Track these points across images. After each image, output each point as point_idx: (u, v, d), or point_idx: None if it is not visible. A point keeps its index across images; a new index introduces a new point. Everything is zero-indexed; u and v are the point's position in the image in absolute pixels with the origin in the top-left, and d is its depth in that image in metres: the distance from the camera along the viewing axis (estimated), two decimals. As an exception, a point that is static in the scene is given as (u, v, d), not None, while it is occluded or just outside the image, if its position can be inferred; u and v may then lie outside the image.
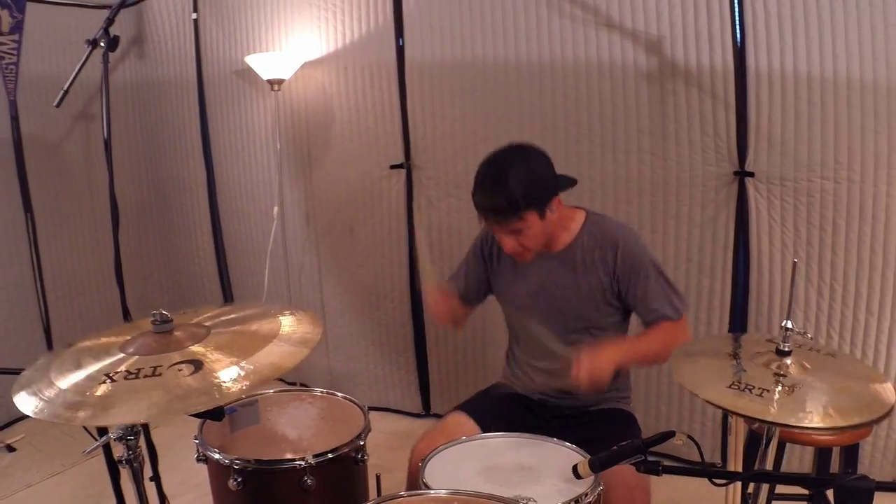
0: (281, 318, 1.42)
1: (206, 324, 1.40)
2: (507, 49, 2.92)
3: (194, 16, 3.72)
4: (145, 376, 1.19)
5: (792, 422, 1.08)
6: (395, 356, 3.54)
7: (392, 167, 3.28)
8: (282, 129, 3.58)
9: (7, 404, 3.51)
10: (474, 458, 1.62)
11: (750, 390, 1.14)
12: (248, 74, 3.53)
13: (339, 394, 2.00)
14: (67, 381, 1.18)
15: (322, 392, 2.04)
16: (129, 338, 1.37)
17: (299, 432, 1.85)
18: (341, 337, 3.71)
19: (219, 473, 1.71)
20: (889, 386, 1.18)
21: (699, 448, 1.34)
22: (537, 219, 1.77)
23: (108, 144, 1.97)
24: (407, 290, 3.41)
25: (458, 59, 3.04)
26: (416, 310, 3.42)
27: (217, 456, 1.68)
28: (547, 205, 1.78)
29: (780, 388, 1.17)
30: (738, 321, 2.62)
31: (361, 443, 1.76)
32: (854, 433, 1.65)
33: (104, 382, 1.17)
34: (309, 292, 3.75)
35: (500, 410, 1.92)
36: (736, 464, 1.56)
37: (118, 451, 1.50)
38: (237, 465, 1.64)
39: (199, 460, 1.77)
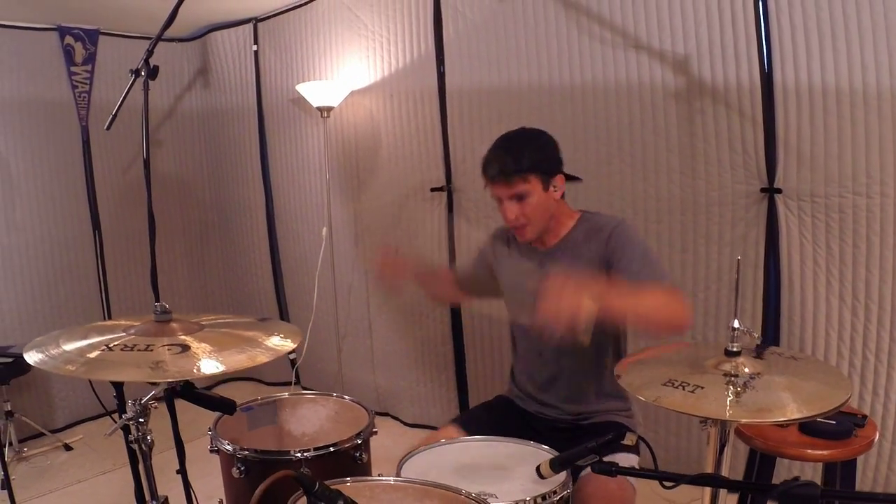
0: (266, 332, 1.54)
1: (203, 323, 1.54)
2: (540, 73, 2.99)
3: (254, 48, 4.00)
4: (138, 350, 1.35)
5: (725, 415, 1.07)
6: (435, 374, 3.60)
7: (433, 190, 3.38)
8: (332, 155, 3.77)
9: (70, 407, 3.78)
10: (452, 457, 1.66)
11: (684, 387, 1.14)
12: (303, 103, 3.74)
13: (347, 397, 2.08)
14: (72, 345, 1.35)
15: (334, 395, 2.13)
16: (136, 324, 1.53)
17: (304, 429, 1.94)
18: (386, 354, 3.81)
19: (226, 463, 1.82)
20: (846, 383, 1.15)
21: (652, 451, 1.35)
22: (540, 186, 1.84)
23: (146, 163, 2.15)
24: (447, 309, 3.47)
25: (494, 84, 3.13)
26: (456, 328, 3.48)
27: (223, 446, 1.79)
28: (551, 177, 1.86)
29: (730, 388, 1.16)
30: (770, 341, 2.54)
31: (359, 441, 1.82)
32: (848, 448, 1.57)
33: (102, 349, 1.33)
34: (357, 311, 3.88)
35: (495, 422, 1.94)
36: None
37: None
38: (240, 454, 1.75)
39: (211, 451, 1.89)
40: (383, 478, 1.43)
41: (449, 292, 2.40)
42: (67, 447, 3.45)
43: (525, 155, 1.83)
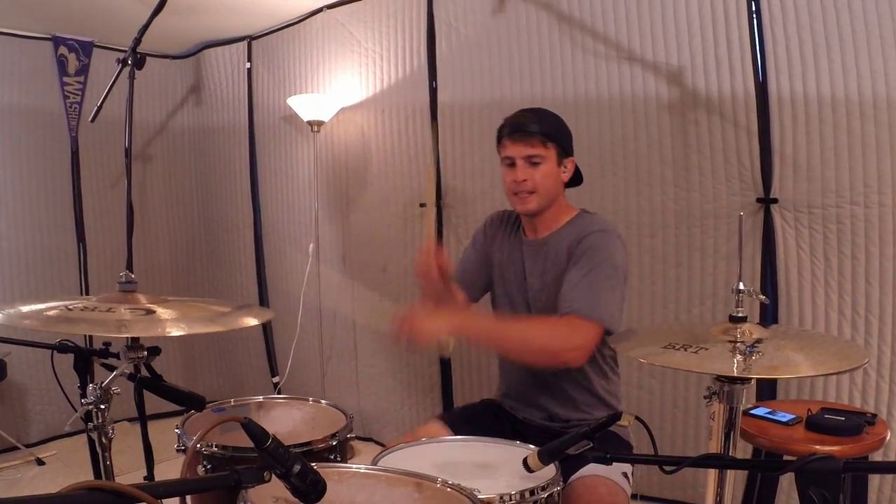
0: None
1: (169, 299, 1.46)
2: (533, 87, 2.97)
3: (248, 65, 3.99)
4: (99, 311, 1.30)
5: (732, 371, 0.98)
6: (421, 396, 3.48)
7: (422, 205, 3.32)
8: (322, 172, 3.72)
9: (45, 422, 3.65)
10: (432, 455, 1.55)
11: (686, 349, 1.05)
12: (294, 120, 3.72)
13: (324, 401, 1.99)
14: (29, 307, 1.29)
15: (310, 400, 2.03)
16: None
17: (278, 430, 1.82)
18: (371, 377, 3.70)
19: (192, 461, 1.71)
20: (862, 350, 1.07)
21: (651, 435, 1.23)
22: (555, 157, 1.83)
23: (128, 152, 2.11)
24: (435, 329, 3.37)
25: (487, 99, 3.10)
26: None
27: (189, 442, 1.69)
28: (565, 153, 1.86)
29: (738, 355, 1.07)
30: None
31: (335, 443, 1.72)
32: (859, 445, 1.48)
33: (59, 309, 1.28)
34: (342, 331, 3.78)
35: (481, 424, 1.85)
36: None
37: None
38: (206, 451, 1.64)
39: (178, 450, 1.78)
40: (354, 465, 1.33)
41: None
42: (40, 462, 3.35)
43: (549, 123, 1.86)
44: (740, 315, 1.17)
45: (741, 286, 1.18)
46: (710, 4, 2.46)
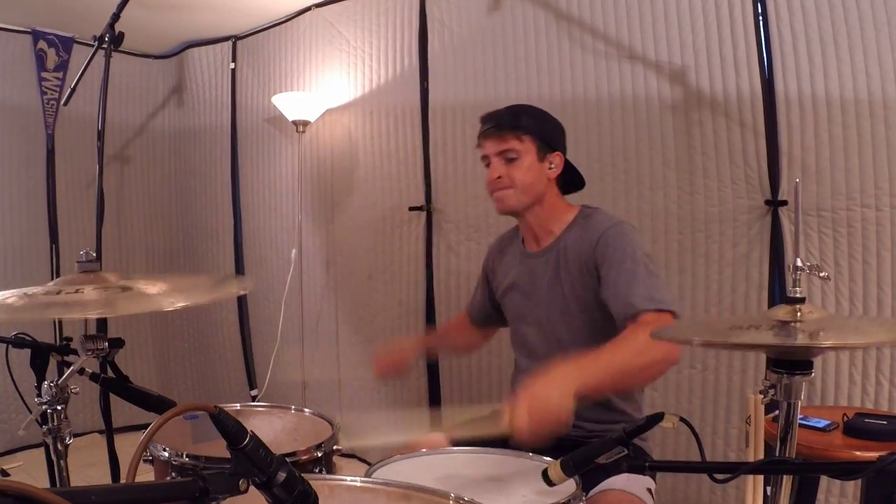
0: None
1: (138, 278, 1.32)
2: (529, 87, 2.87)
3: (232, 65, 3.86)
4: (67, 294, 1.18)
5: (792, 342, 0.86)
6: (408, 412, 3.33)
7: (411, 209, 3.20)
8: (307, 175, 3.59)
9: (11, 431, 3.47)
10: (435, 466, 1.41)
11: (755, 328, 0.93)
12: (279, 122, 3.59)
13: (307, 410, 1.85)
14: None
15: (292, 409, 1.89)
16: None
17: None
18: (355, 390, 3.54)
19: (160, 473, 1.56)
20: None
21: (697, 438, 1.07)
22: (534, 152, 1.70)
23: (101, 134, 1.97)
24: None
25: (480, 99, 3.00)
26: (432, 361, 3.24)
27: (159, 452, 1.53)
28: (548, 148, 1.73)
29: (799, 334, 0.94)
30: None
31: (319, 454, 1.57)
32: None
33: (19, 296, 1.17)
34: (325, 341, 3.63)
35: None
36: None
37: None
38: (175, 461, 1.49)
39: (145, 461, 1.62)
40: (349, 478, 1.18)
41: (467, 338, 2.16)
42: (4, 473, 3.19)
43: (524, 115, 1.75)
44: (799, 296, 1.01)
45: (798, 262, 1.02)
46: (715, 1, 2.39)
